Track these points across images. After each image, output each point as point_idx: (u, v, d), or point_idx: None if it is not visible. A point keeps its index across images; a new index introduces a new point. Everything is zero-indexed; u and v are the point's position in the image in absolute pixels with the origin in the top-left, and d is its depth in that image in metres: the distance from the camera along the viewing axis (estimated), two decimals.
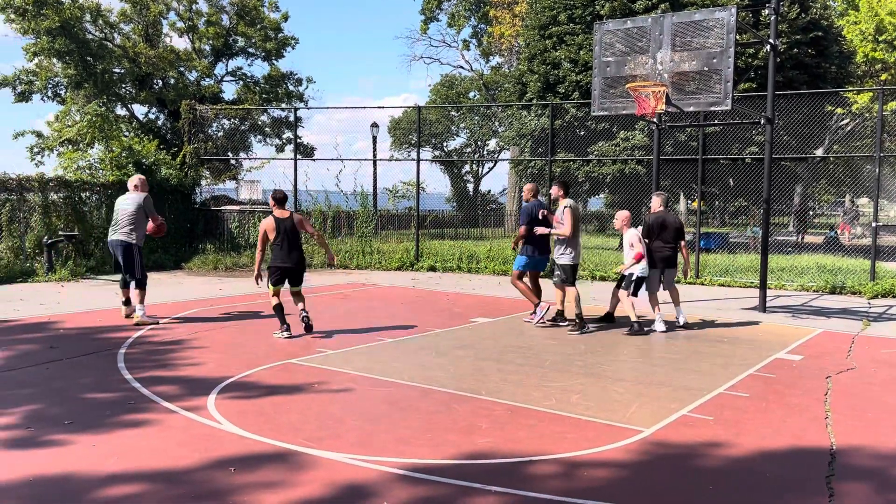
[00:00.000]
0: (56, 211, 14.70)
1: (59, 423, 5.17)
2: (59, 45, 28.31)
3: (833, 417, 5.57)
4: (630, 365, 7.25)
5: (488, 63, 46.28)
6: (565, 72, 22.42)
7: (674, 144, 20.25)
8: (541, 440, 4.94)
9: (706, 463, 4.63)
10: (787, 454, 4.80)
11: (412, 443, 4.87)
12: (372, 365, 7.05)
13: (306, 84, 36.47)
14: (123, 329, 8.75)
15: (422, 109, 18.38)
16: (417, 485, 4.19)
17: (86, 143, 16.93)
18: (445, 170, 48.16)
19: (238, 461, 4.49)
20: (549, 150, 16.59)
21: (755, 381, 6.69)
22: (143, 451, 4.64)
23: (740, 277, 14.39)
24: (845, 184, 24.02)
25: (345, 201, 18.17)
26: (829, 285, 13.24)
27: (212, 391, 6.03)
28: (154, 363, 7.05)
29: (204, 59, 33.38)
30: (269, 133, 34.47)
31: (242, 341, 8.16)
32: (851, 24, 26.03)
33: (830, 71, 21.81)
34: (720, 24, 9.55)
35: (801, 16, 21.15)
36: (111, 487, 4.10)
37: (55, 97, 31.61)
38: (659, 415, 5.56)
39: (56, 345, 7.83)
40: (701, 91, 9.77)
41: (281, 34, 34.63)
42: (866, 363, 7.50)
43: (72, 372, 6.68)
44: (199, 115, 19.03)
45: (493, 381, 6.48)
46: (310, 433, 5.01)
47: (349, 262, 16.76)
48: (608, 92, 10.51)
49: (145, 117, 33.60)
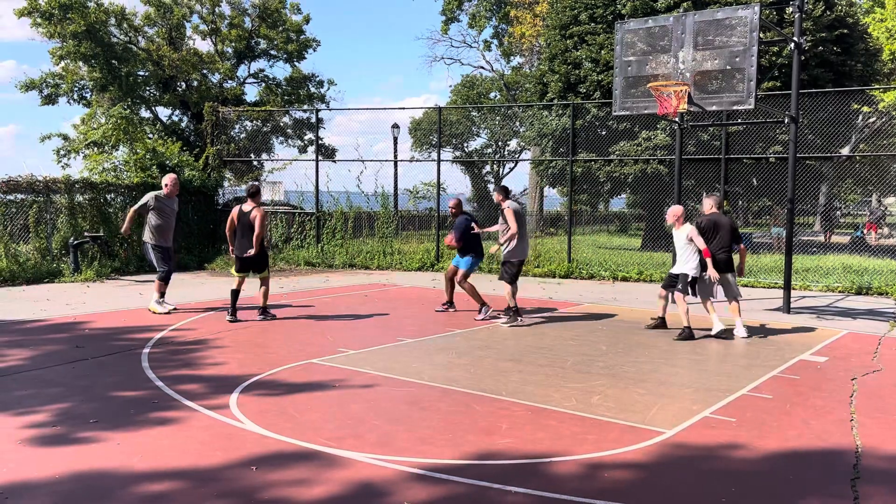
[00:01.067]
0: (82, 212, 14.92)
1: (86, 421, 5.25)
2: (85, 48, 28.75)
3: (858, 419, 5.49)
4: (652, 366, 7.21)
5: (509, 63, 46.25)
6: (586, 71, 22.32)
7: (696, 144, 20.07)
8: (561, 441, 4.93)
9: (728, 465, 4.59)
10: (810, 456, 4.74)
11: (432, 443, 4.88)
12: (392, 365, 7.07)
13: (327, 86, 36.70)
14: (148, 329, 8.86)
15: (442, 110, 18.41)
16: (437, 484, 4.20)
17: (111, 145, 17.17)
18: (466, 170, 48.16)
19: (259, 460, 4.53)
20: (570, 150, 16.53)
21: (779, 382, 6.62)
22: (167, 450, 4.70)
23: (764, 278, 14.24)
24: (871, 183, 23.65)
25: (366, 202, 18.24)
26: (855, 286, 13.06)
27: (234, 390, 6.09)
28: (177, 363, 7.14)
29: (226, 62, 33.71)
30: (290, 134, 34.74)
31: (264, 341, 8.23)
32: (877, 22, 25.62)
33: (856, 69, 21.48)
34: (743, 23, 9.46)
35: (826, 13, 20.87)
36: (135, 486, 4.16)
37: (81, 100, 32.10)
38: (680, 416, 5.52)
39: (82, 344, 7.95)
40: (723, 90, 9.67)
41: (302, 36, 34.88)
42: (893, 365, 7.39)
43: (97, 371, 6.78)
44: (221, 117, 19.21)
45: (514, 382, 6.48)
46: (330, 433, 5.05)
47: (370, 262, 16.82)
48: (629, 91, 10.45)
49: (169, 119, 34.00)
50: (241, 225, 9.48)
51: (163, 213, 10.12)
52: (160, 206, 10.10)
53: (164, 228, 10.14)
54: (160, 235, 10.13)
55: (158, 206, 10.09)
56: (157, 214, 10.08)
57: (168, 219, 10.18)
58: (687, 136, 18.87)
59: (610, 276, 15.00)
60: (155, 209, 10.07)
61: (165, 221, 10.13)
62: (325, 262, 16.95)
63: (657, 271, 14.23)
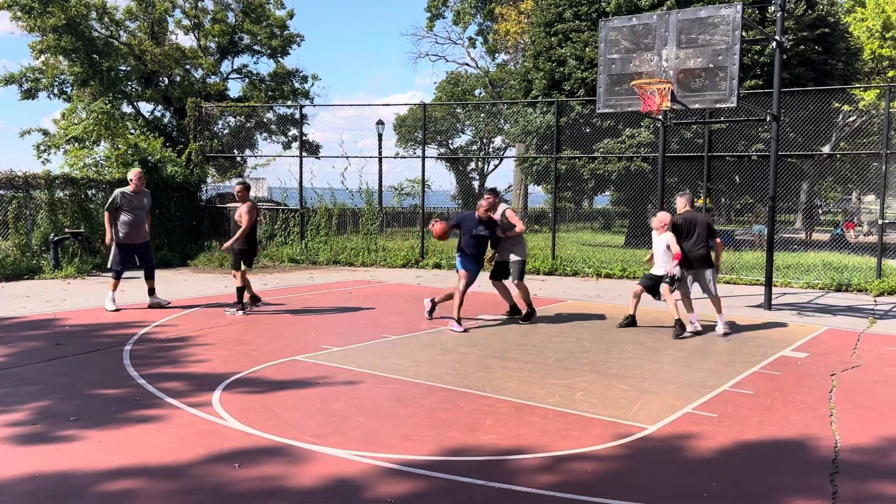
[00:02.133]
0: (62, 208, 14.76)
1: (66, 419, 5.20)
2: (65, 42, 28.41)
3: (838, 415, 5.56)
4: (635, 362, 7.25)
5: (494, 60, 46.27)
6: (571, 69, 22.38)
7: (679, 142, 20.20)
8: (544, 437, 4.94)
9: (709, 460, 4.62)
10: (790, 451, 4.79)
11: (416, 439, 4.88)
12: (376, 362, 7.06)
13: (311, 81, 36.47)
14: (129, 326, 8.79)
15: (427, 107, 18.38)
16: (420, 480, 4.20)
17: (92, 140, 16.99)
18: (451, 167, 48.12)
19: (242, 457, 4.51)
20: (554, 148, 16.57)
21: (760, 378, 6.68)
22: (149, 447, 4.67)
23: (746, 275, 14.35)
24: (852, 181, 23.91)
25: (350, 199, 18.21)
26: (835, 283, 13.20)
27: (217, 388, 6.05)
28: (159, 360, 7.08)
29: (209, 57, 33.45)
30: (274, 130, 34.53)
31: (247, 338, 8.18)
32: (858, 21, 25.91)
33: (837, 68, 21.70)
34: (726, 21, 9.52)
35: (808, 12, 21.06)
36: (116, 482, 4.12)
37: (61, 95, 31.72)
38: (663, 412, 5.56)
39: (62, 341, 7.87)
40: (706, 88, 9.73)
41: (286, 31, 34.66)
42: (872, 361, 7.48)
43: (78, 368, 6.71)
44: (204, 113, 19.08)
45: (498, 379, 6.49)
46: (314, 430, 5.03)
47: (354, 259, 16.78)
48: (613, 89, 10.48)
49: (151, 115, 33.68)
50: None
51: (130, 210, 9.92)
52: (127, 202, 9.91)
53: (131, 225, 9.92)
54: (126, 233, 9.91)
55: (125, 202, 9.90)
56: (125, 211, 9.89)
57: (136, 215, 9.98)
58: (670, 134, 18.98)
59: (594, 273, 15.06)
60: (122, 206, 9.88)
61: (132, 218, 9.94)
62: (308, 259, 16.88)
63: (640, 268, 14.30)
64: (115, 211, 9.90)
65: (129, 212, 9.93)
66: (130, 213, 9.94)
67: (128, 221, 9.92)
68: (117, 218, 9.93)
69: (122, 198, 9.91)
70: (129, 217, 9.92)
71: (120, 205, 9.89)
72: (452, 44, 55.93)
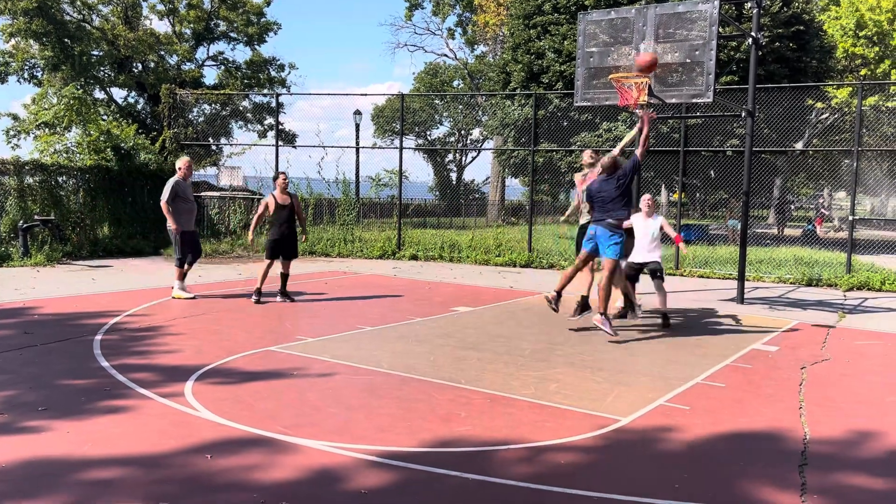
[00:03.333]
0: (32, 195, 14.49)
1: (34, 409, 5.11)
2: (36, 26, 27.86)
3: (807, 408, 5.64)
4: (610, 355, 7.30)
5: (473, 52, 46.20)
6: (549, 62, 22.41)
7: (656, 136, 20.32)
8: (519, 428, 4.96)
9: (682, 451, 4.67)
10: (761, 443, 4.86)
11: (390, 430, 4.87)
12: (351, 353, 7.03)
13: (288, 70, 36.19)
14: (100, 315, 8.66)
15: (405, 97, 18.30)
16: (393, 471, 4.19)
17: (63, 126, 16.68)
18: (428, 158, 48.04)
19: (215, 448, 4.47)
20: (532, 140, 16.59)
21: (732, 371, 6.76)
22: (119, 438, 4.60)
23: (719, 269, 14.52)
24: (823, 177, 24.27)
25: (327, 189, 18.09)
26: (806, 278, 13.40)
27: (189, 378, 5.99)
28: (130, 350, 6.99)
29: (184, 43, 33.00)
30: (250, 119, 34.22)
31: (220, 329, 8.10)
32: (832, 20, 26.21)
33: (811, 65, 21.98)
34: (703, 17, 9.57)
35: (784, 10, 21.28)
36: (85, 472, 4.06)
37: (32, 79, 31.14)
38: (637, 404, 5.60)
39: (31, 330, 7.73)
40: (683, 83, 9.79)
41: (263, 19, 34.31)
42: (841, 354, 7.60)
43: (47, 358, 6.60)
44: (179, 100, 18.81)
45: (473, 370, 6.49)
46: (287, 420, 5.00)
47: (330, 250, 16.69)
48: (591, 82, 10.50)
49: (124, 101, 33.18)
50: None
51: (186, 198, 10.14)
52: (182, 190, 10.11)
53: (188, 212, 10.17)
54: (186, 220, 10.14)
55: (180, 190, 10.09)
56: (182, 200, 10.10)
57: (191, 203, 10.28)
58: None
59: (569, 266, 15.11)
60: (178, 195, 10.06)
61: (189, 206, 10.21)
62: None
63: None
64: (174, 200, 10.00)
65: (185, 200, 10.13)
66: (187, 202, 10.15)
67: (185, 209, 10.13)
68: (177, 207, 10.05)
69: (178, 187, 10.05)
70: (186, 205, 10.14)
71: (178, 194, 10.03)
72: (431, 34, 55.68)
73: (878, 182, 22.38)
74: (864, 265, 14.15)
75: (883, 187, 23.04)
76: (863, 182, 17.62)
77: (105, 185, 15.78)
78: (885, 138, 21.18)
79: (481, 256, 15.85)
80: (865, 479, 4.30)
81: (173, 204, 9.96)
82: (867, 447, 4.83)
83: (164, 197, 9.94)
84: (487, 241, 16.70)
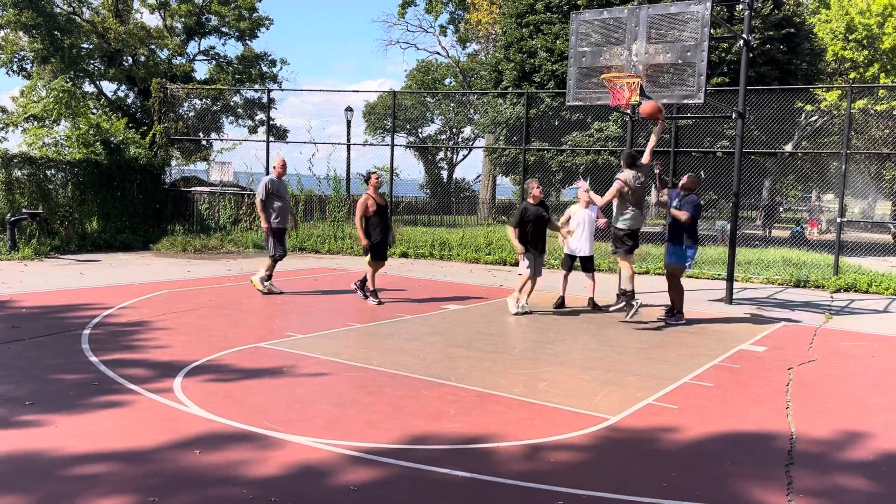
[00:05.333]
0: (20, 188, 14.39)
1: (21, 403, 5.08)
2: (26, 18, 27.63)
3: (794, 408, 5.68)
4: (599, 354, 7.33)
5: (465, 50, 46.20)
6: (541, 61, 22.43)
7: (647, 136, 20.36)
8: (507, 426, 4.97)
9: (670, 450, 4.70)
10: (748, 442, 4.89)
11: (379, 427, 4.87)
12: (341, 350, 7.03)
13: (280, 65, 36.05)
14: (88, 309, 8.61)
15: (397, 94, 18.28)
16: (381, 467, 4.20)
17: (52, 119, 16.57)
18: (420, 156, 47.98)
19: (204, 443, 4.46)
20: (523, 139, 16.62)
21: (720, 371, 6.81)
22: (107, 433, 4.58)
23: (708, 269, 14.59)
24: (812, 179, 24.42)
25: (317, 185, 18.05)
26: (794, 279, 13.49)
27: (178, 374, 5.97)
28: (119, 345, 6.96)
29: (176, 38, 32.83)
30: (241, 114, 34.07)
31: (210, 324, 8.08)
32: (823, 23, 26.39)
33: (801, 68, 22.10)
34: (695, 18, 9.61)
35: (775, 12, 21.38)
36: (74, 467, 4.04)
37: (21, 72, 30.90)
38: (625, 403, 5.63)
39: (18, 324, 7.68)
40: (674, 84, 9.83)
41: (255, 14, 34.17)
42: (827, 355, 7.66)
43: (34, 352, 6.56)
44: (169, 95, 18.71)
45: (463, 368, 6.51)
46: (277, 416, 4.99)
47: (321, 246, 16.66)
48: (583, 82, 10.53)
49: (114, 95, 32.97)
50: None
51: (280, 197, 10.25)
52: (275, 188, 10.22)
53: (283, 210, 10.27)
54: (280, 218, 10.25)
55: (274, 189, 10.20)
56: (276, 198, 10.20)
57: (286, 201, 10.39)
58: (638, 129, 19.12)
59: (559, 265, 15.13)
60: (272, 193, 10.16)
61: (283, 204, 10.30)
62: None
63: (604, 261, 14.44)
64: (268, 198, 10.13)
65: (279, 198, 10.24)
66: (281, 200, 10.26)
67: (280, 208, 10.24)
68: (270, 205, 10.17)
69: (271, 185, 10.18)
70: (280, 203, 10.25)
71: (271, 192, 10.14)
72: (424, 32, 55.66)
73: (867, 185, 22.55)
74: (851, 267, 14.26)
75: (871, 190, 23.23)
76: (851, 185, 17.73)
77: (94, 178, 15.69)
78: (874, 141, 21.34)
79: (472, 255, 15.86)
80: (851, 479, 4.34)
81: (267, 201, 10.10)
82: (853, 447, 4.88)
83: (258, 195, 10.14)
84: (478, 239, 16.71)
